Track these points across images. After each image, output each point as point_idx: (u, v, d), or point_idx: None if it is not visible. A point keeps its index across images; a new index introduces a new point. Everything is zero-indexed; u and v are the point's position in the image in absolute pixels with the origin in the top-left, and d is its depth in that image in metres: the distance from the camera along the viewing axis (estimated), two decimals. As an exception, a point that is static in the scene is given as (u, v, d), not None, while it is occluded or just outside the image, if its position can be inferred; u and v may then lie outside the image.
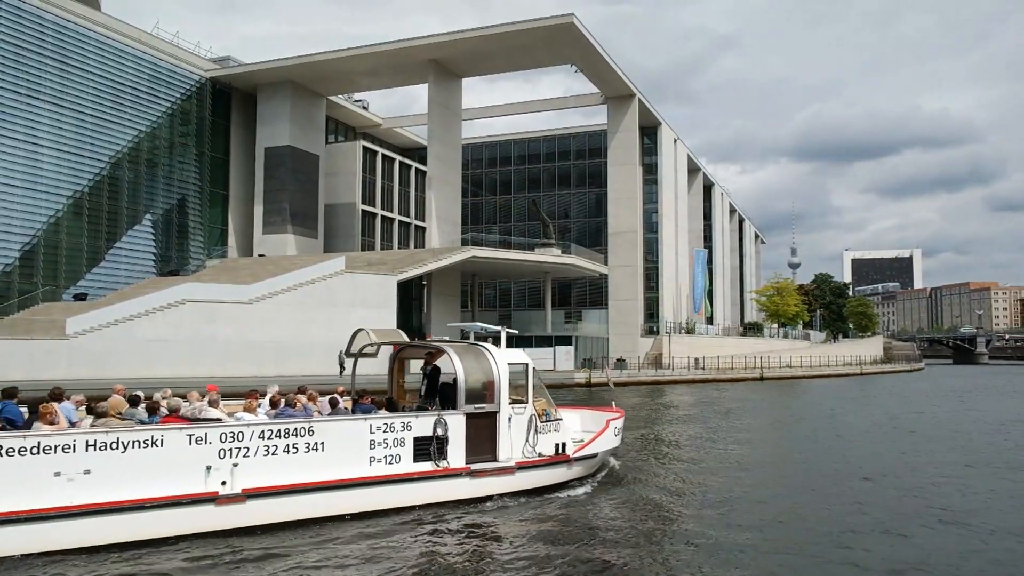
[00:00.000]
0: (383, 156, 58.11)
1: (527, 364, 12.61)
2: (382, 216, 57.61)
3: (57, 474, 8.79)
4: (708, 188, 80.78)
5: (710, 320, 72.19)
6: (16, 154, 37.87)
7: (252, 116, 51.67)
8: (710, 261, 76.69)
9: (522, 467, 12.19)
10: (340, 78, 51.78)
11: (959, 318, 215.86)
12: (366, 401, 11.86)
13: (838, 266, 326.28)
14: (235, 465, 9.83)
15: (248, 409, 11.01)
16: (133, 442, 9.24)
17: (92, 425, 9.52)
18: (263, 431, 10.12)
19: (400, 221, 59.84)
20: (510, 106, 64.53)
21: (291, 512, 10.17)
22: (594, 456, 13.79)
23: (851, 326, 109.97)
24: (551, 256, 49.54)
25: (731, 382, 51.71)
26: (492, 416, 12.01)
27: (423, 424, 11.32)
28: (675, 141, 64.55)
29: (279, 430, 10.25)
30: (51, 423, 9.26)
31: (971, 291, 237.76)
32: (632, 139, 55.50)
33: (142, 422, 9.94)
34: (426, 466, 11.24)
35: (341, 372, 13.87)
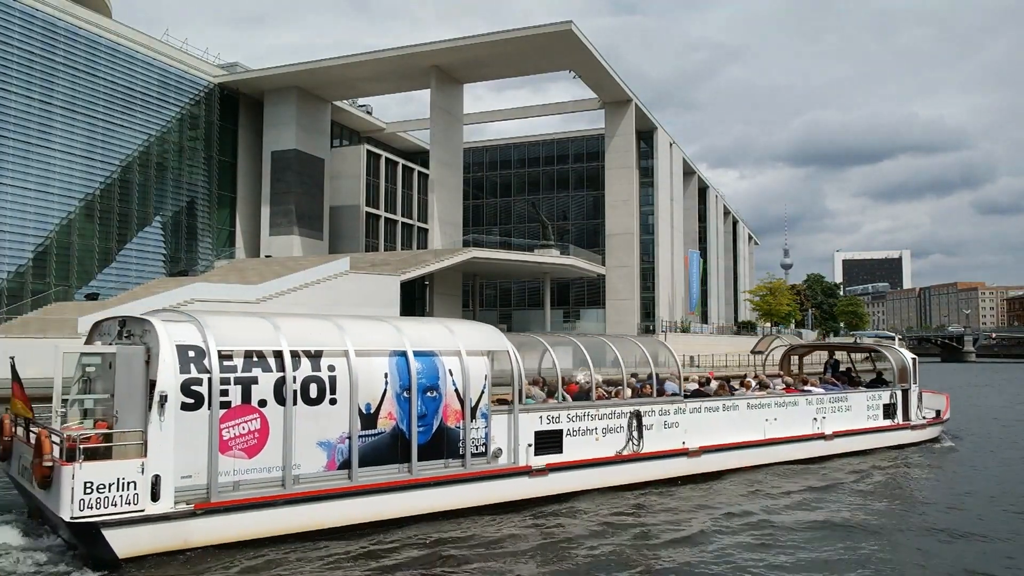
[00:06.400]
0: (386, 159, 58.75)
1: (915, 358, 18.98)
2: (385, 218, 58.28)
3: (767, 420, 15.16)
4: (703, 191, 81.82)
5: (704, 319, 73.51)
6: (30, 158, 38.57)
7: (259, 121, 52.45)
8: (704, 262, 77.91)
9: (930, 424, 19.11)
10: (344, 84, 52.65)
11: (947, 317, 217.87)
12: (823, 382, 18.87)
13: (829, 267, 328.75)
14: (823, 418, 16.27)
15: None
16: (788, 403, 15.72)
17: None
18: (830, 398, 16.60)
19: (403, 223, 60.45)
20: (512, 111, 65.28)
21: (843, 447, 16.55)
22: (947, 420, 20.55)
23: (842, 325, 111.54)
24: (550, 257, 49.88)
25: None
26: (907, 392, 18.48)
27: (885, 395, 18.01)
28: (671, 145, 65.44)
29: (834, 397, 16.75)
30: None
31: (959, 291, 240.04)
32: (629, 144, 56.41)
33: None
34: (887, 422, 17.86)
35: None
